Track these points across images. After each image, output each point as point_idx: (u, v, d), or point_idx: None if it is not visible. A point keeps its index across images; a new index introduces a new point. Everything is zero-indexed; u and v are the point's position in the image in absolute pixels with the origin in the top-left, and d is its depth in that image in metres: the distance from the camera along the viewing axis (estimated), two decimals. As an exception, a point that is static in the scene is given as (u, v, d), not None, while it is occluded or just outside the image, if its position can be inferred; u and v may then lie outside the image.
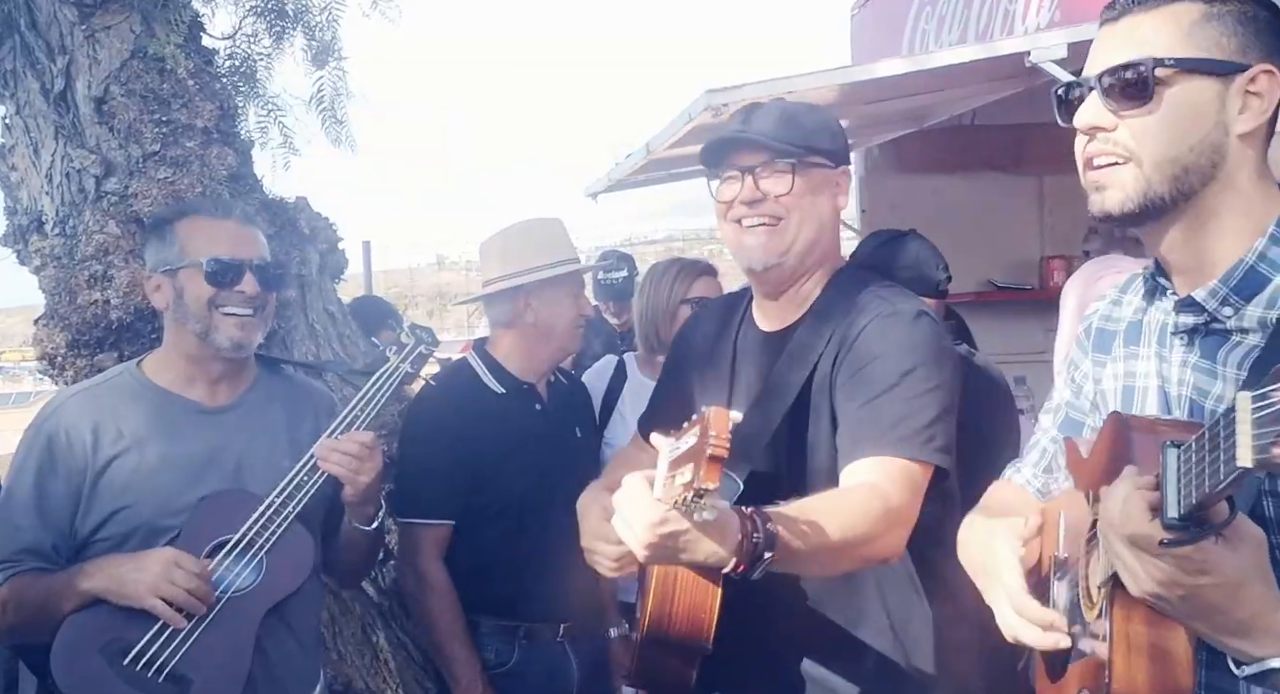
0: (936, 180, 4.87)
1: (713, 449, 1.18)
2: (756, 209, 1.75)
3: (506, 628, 2.43)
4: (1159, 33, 1.17)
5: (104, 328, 2.51)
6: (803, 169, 1.74)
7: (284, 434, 2.02)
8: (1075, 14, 3.43)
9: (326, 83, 3.05)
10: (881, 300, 1.73)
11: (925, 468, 1.62)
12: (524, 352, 2.52)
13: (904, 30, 4.88)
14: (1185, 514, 0.94)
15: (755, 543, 1.37)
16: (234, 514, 1.88)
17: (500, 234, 2.59)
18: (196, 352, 1.98)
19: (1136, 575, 1.02)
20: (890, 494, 1.56)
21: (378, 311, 3.81)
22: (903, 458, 1.60)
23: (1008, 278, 5.14)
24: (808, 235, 1.76)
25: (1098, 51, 1.23)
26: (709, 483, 1.19)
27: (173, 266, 1.97)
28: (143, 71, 2.60)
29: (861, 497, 1.54)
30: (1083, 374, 1.43)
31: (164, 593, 1.77)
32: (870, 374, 1.65)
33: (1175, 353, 1.25)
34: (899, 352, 1.65)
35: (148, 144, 2.57)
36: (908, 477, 1.59)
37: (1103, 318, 1.41)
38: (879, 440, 1.61)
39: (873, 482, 1.57)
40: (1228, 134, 1.17)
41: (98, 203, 2.58)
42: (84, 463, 1.88)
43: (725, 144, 1.78)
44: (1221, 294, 1.17)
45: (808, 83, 2.94)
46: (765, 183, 1.74)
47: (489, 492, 2.40)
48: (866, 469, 1.59)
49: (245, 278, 1.95)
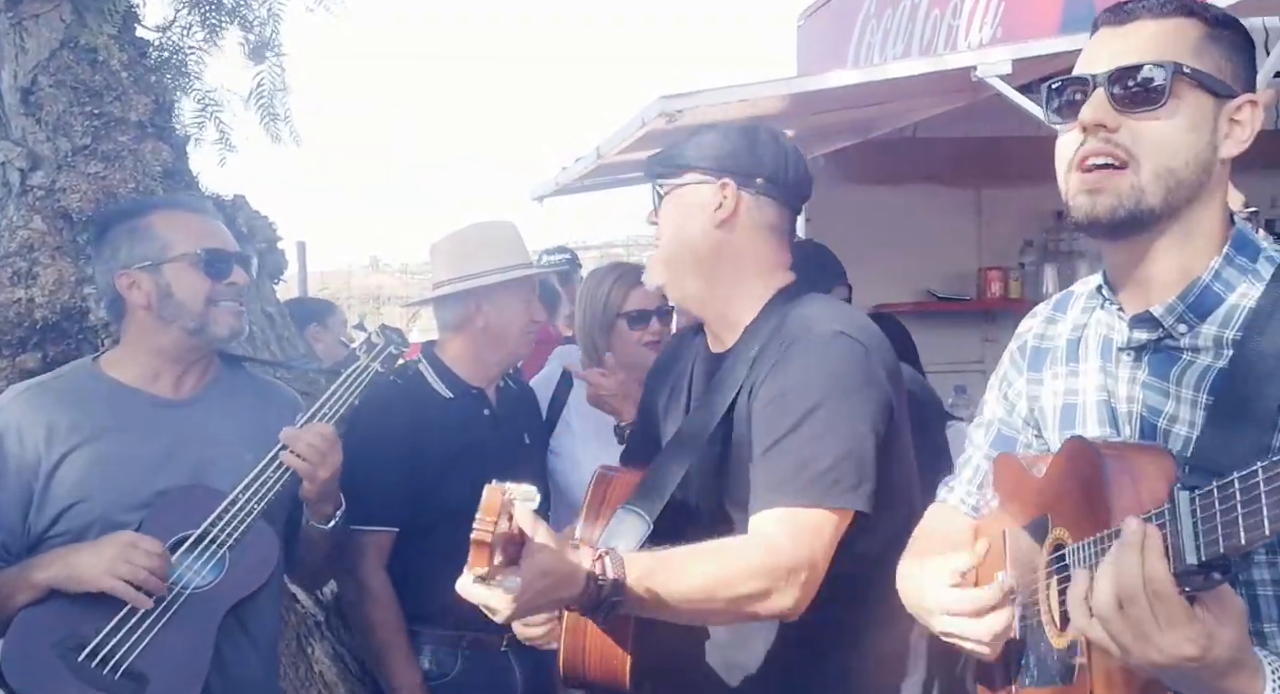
0: (878, 191, 4.93)
1: (475, 533, 1.21)
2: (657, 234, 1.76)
3: (449, 637, 2.39)
4: (1176, 41, 1.17)
5: (27, 327, 2.41)
6: (671, 191, 1.73)
7: (247, 428, 1.98)
8: (1016, 31, 3.52)
9: (265, 78, 2.98)
10: (800, 322, 1.63)
11: (834, 513, 1.51)
12: (474, 356, 2.49)
13: (850, 42, 4.95)
14: (1207, 561, 0.92)
15: (600, 586, 1.37)
16: (195, 509, 1.83)
17: (452, 236, 2.55)
18: (175, 347, 1.94)
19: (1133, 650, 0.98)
20: (782, 547, 1.47)
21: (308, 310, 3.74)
22: (803, 506, 1.50)
23: (946, 288, 5.23)
24: (668, 260, 1.74)
25: (1100, 51, 1.21)
26: (477, 568, 1.23)
27: (155, 261, 1.92)
28: (73, 62, 2.51)
29: (742, 549, 1.48)
30: (1016, 391, 1.43)
31: (122, 573, 1.72)
32: (775, 413, 1.57)
33: (1123, 369, 1.25)
34: (805, 385, 1.56)
35: (77, 137, 2.49)
36: (810, 526, 1.49)
37: (1037, 336, 1.41)
38: (779, 489, 1.52)
39: (765, 533, 1.49)
40: (1215, 155, 1.18)
41: (23, 197, 2.48)
42: (36, 458, 1.82)
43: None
44: (1179, 311, 1.18)
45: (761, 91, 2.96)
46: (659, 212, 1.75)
47: (434, 498, 2.36)
48: (766, 521, 1.51)
49: (235, 269, 1.96)
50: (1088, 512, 1.11)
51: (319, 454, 1.91)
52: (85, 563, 1.73)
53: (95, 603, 1.73)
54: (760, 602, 1.47)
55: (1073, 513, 1.16)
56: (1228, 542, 0.90)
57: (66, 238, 2.44)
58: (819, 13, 5.46)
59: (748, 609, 1.48)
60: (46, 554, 1.79)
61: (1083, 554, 1.11)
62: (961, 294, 5.24)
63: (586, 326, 2.84)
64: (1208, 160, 1.18)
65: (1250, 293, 1.17)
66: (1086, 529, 1.10)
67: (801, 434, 1.53)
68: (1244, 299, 1.17)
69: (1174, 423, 1.18)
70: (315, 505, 1.99)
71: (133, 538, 1.77)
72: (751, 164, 1.69)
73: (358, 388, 2.02)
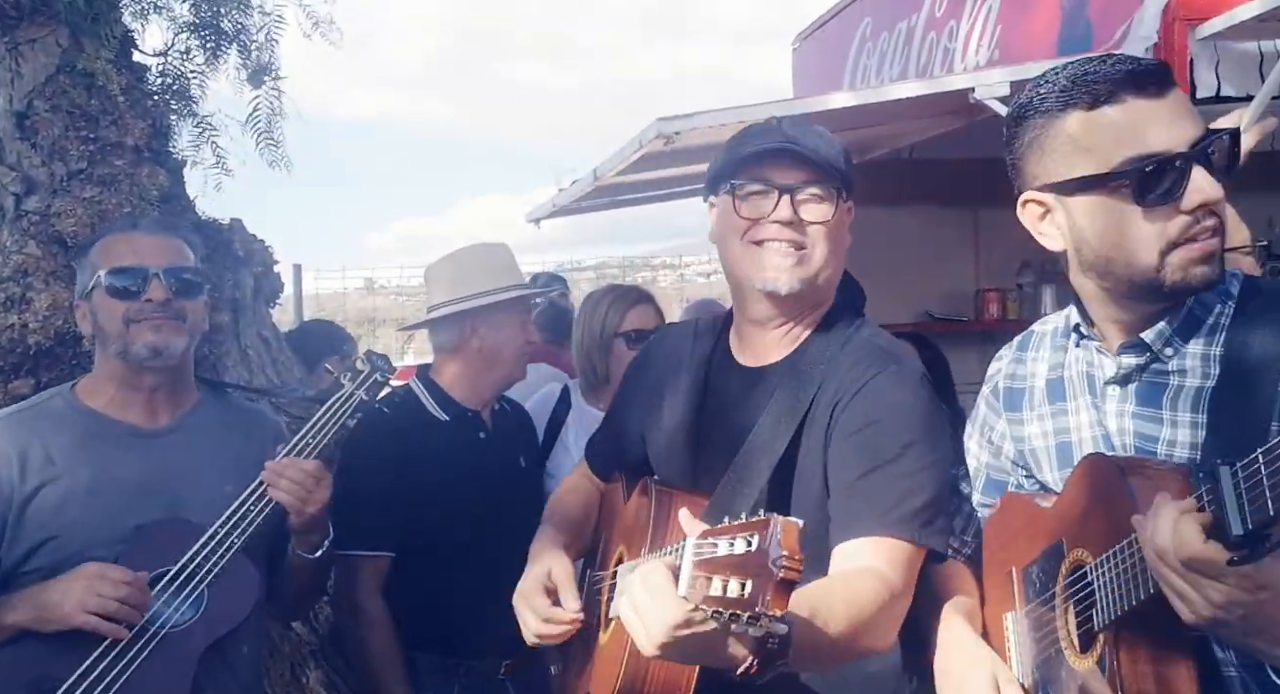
0: (876, 212, 4.92)
1: (784, 573, 1.04)
2: (786, 232, 1.57)
3: (445, 665, 2.36)
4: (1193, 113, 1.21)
5: (20, 353, 2.40)
6: (841, 198, 1.61)
7: (228, 459, 1.94)
8: (1013, 53, 3.53)
9: (262, 102, 2.98)
10: (882, 354, 1.59)
11: (921, 551, 1.49)
12: (469, 378, 2.47)
13: (845, 65, 4.97)
14: (1252, 531, 0.94)
15: (770, 648, 1.22)
16: (173, 544, 1.79)
17: (446, 259, 2.55)
18: (122, 374, 1.90)
19: (1193, 602, 1.02)
20: (893, 581, 1.44)
21: (330, 337, 3.71)
22: (903, 540, 1.47)
23: (944, 309, 5.23)
24: (831, 269, 1.62)
25: (1162, 125, 1.19)
26: (776, 610, 1.05)
27: (87, 289, 1.91)
28: (69, 87, 2.51)
29: (869, 587, 1.41)
30: (1000, 434, 1.47)
31: (92, 607, 1.68)
32: (870, 441, 1.51)
33: (1110, 403, 1.30)
34: (902, 419, 1.52)
35: (73, 162, 2.49)
36: (906, 561, 1.47)
37: (1007, 376, 1.46)
38: (880, 519, 1.47)
39: (876, 568, 1.44)
40: None
41: (17, 222, 2.48)
42: (9, 491, 1.78)
43: (764, 154, 1.59)
44: (1167, 334, 1.25)
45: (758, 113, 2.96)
46: (804, 207, 1.58)
47: (430, 522, 2.34)
48: (864, 550, 1.47)
49: (151, 284, 1.85)
50: (1111, 524, 1.13)
51: (304, 490, 1.87)
52: (54, 601, 1.69)
53: (69, 643, 1.69)
54: (877, 637, 1.43)
55: (1093, 530, 1.17)
56: (1278, 505, 0.91)
57: (61, 263, 2.43)
58: (814, 36, 5.49)
59: (866, 645, 1.43)
60: (15, 595, 1.74)
61: (1108, 566, 1.12)
62: (959, 315, 5.23)
63: (584, 348, 2.83)
64: None
65: (1225, 311, 1.24)
66: (1110, 541, 1.12)
67: (901, 466, 1.50)
68: (1220, 318, 1.24)
69: (1173, 447, 1.23)
70: (303, 536, 1.95)
71: (100, 568, 1.72)
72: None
73: (343, 416, 1.99)
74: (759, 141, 1.61)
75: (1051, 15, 3.41)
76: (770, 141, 1.60)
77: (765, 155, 1.59)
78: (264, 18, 2.96)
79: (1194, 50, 2.79)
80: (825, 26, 5.36)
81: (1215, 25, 2.74)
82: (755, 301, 1.64)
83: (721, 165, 1.66)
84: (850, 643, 1.36)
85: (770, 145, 1.59)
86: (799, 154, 1.57)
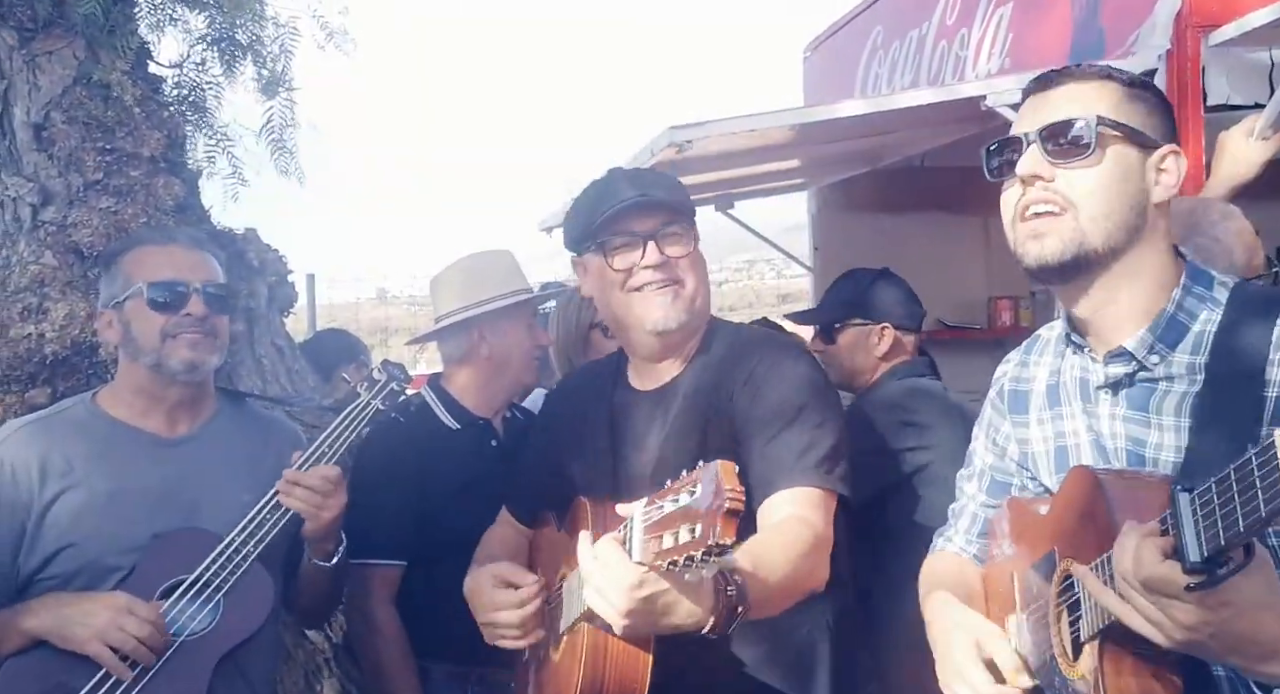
0: (886, 220, 4.93)
1: (731, 503, 1.14)
2: (660, 274, 1.75)
3: (457, 674, 2.35)
4: (1098, 98, 1.30)
5: (37, 363, 2.42)
6: (693, 227, 1.79)
7: (245, 468, 1.95)
8: (1025, 60, 3.52)
9: (276, 113, 3.00)
10: (757, 343, 1.80)
11: (832, 496, 1.67)
12: (479, 386, 2.47)
13: (856, 74, 4.97)
14: (1209, 557, 0.94)
15: (730, 596, 1.35)
16: (190, 553, 1.80)
17: (449, 268, 2.55)
18: (149, 385, 1.91)
19: (1163, 625, 1.02)
20: (816, 523, 1.61)
21: (345, 346, 3.72)
22: (814, 487, 1.65)
23: (956, 317, 5.21)
24: (703, 293, 1.81)
25: (1029, 113, 1.33)
26: (726, 539, 1.14)
27: (119, 299, 1.91)
28: (86, 98, 2.53)
29: (797, 531, 1.57)
30: (1004, 435, 1.49)
31: (111, 640, 1.69)
32: (769, 410, 1.70)
33: (1102, 407, 1.32)
34: (793, 387, 1.72)
35: (89, 172, 2.50)
36: (823, 505, 1.65)
37: (1013, 380, 1.48)
38: (790, 472, 1.65)
39: (799, 514, 1.61)
40: (1148, 200, 1.29)
41: (34, 232, 2.50)
42: (29, 497, 1.80)
43: (621, 211, 1.76)
44: (1149, 342, 1.26)
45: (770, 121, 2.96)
46: (668, 247, 1.75)
47: (442, 531, 2.33)
48: (784, 502, 1.63)
49: (191, 300, 1.89)
50: (1094, 537, 1.14)
51: (320, 497, 1.88)
52: (75, 620, 1.70)
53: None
54: (813, 576, 1.59)
55: (1079, 541, 1.19)
56: (1228, 533, 0.92)
57: (77, 273, 2.45)
58: (825, 45, 5.50)
59: (805, 586, 1.59)
60: (38, 601, 1.75)
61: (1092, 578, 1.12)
62: (971, 323, 5.22)
63: (561, 346, 2.82)
64: (1141, 204, 1.28)
65: (1212, 318, 1.26)
66: (1095, 554, 1.12)
67: (800, 425, 1.69)
68: (1207, 325, 1.26)
69: (1160, 450, 1.25)
70: (317, 544, 1.96)
71: (129, 602, 1.73)
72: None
73: (359, 425, 2.01)
74: (613, 200, 1.78)
75: (1064, 23, 3.41)
76: (624, 198, 1.77)
77: (623, 211, 1.77)
78: (278, 29, 2.99)
79: (1206, 57, 2.79)
80: (836, 35, 5.37)
81: (1227, 32, 2.73)
82: (646, 342, 1.82)
83: (583, 227, 1.83)
84: (793, 585, 1.52)
85: (625, 202, 1.76)
86: (650, 202, 1.76)
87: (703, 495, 1.17)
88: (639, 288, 1.76)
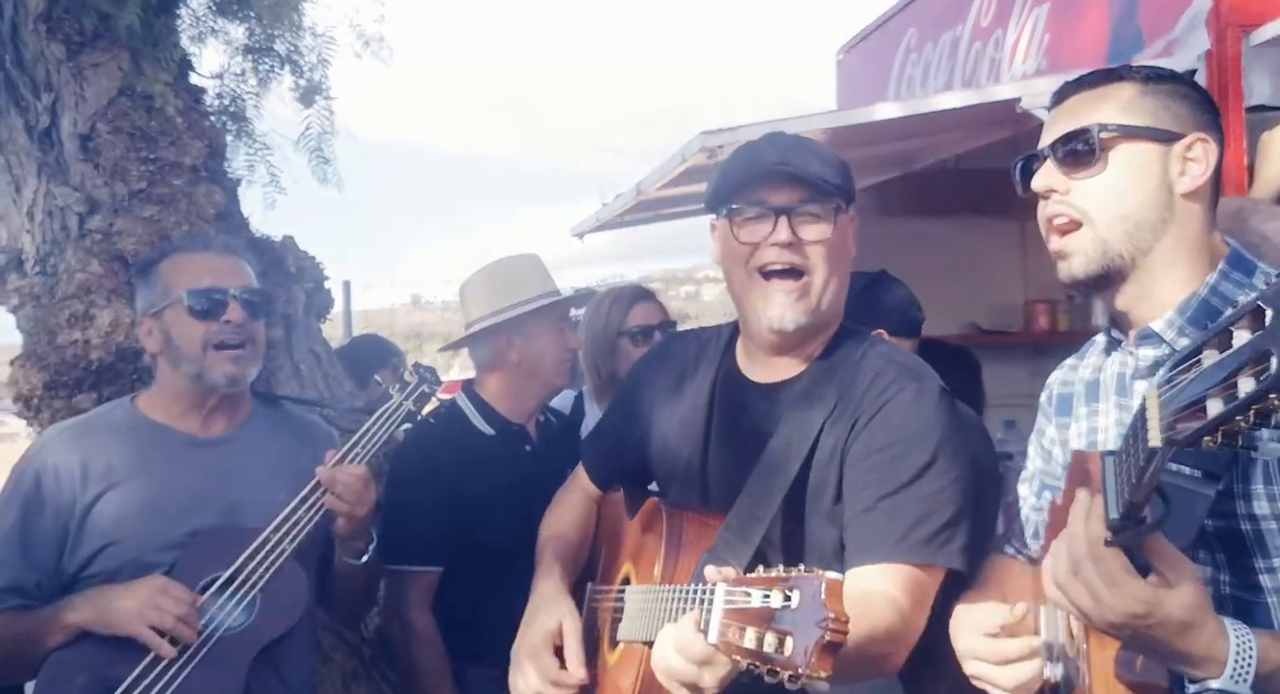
0: (920, 224, 4.90)
1: (831, 635, 1.02)
2: (786, 255, 1.57)
3: (493, 677, 2.36)
4: (1101, 106, 1.32)
5: (83, 368, 2.46)
6: (838, 213, 1.59)
7: (281, 468, 1.98)
8: (1061, 62, 3.49)
9: (314, 121, 3.04)
10: (900, 372, 1.58)
11: (938, 572, 1.51)
12: (511, 391, 2.48)
13: (890, 76, 4.95)
14: (1124, 513, 1.01)
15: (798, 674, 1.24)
16: (227, 550, 1.84)
17: (477, 274, 2.56)
18: (187, 390, 1.96)
19: (1091, 612, 1.08)
20: (906, 609, 1.45)
21: (380, 351, 3.76)
22: (921, 565, 1.49)
23: (991, 321, 5.16)
24: (834, 290, 1.61)
25: (1049, 128, 1.36)
26: (821, 671, 1.03)
27: (158, 308, 1.95)
28: (130, 109, 2.58)
29: (881, 613, 1.42)
30: (1050, 439, 1.49)
31: (151, 620, 1.72)
32: (886, 465, 1.52)
33: (1135, 398, 1.32)
34: (920, 439, 1.52)
35: (134, 182, 2.55)
36: (921, 587, 1.48)
37: (1061, 383, 1.49)
38: (894, 546, 1.49)
39: (888, 593, 1.45)
40: (1172, 193, 1.28)
41: (80, 241, 2.54)
42: (72, 499, 1.85)
43: (757, 176, 1.58)
44: (1178, 324, 1.27)
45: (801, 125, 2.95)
46: (802, 227, 1.56)
47: (477, 536, 2.35)
48: (876, 576, 1.48)
49: (230, 307, 1.92)
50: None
51: (354, 494, 1.91)
52: (116, 607, 1.74)
53: (125, 645, 1.73)
54: (888, 663, 1.46)
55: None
56: (1132, 493, 0.99)
57: (122, 280, 2.49)
58: (858, 48, 5.47)
59: (875, 670, 1.47)
60: (78, 595, 1.79)
61: None
62: (1007, 327, 5.16)
63: (591, 351, 2.82)
64: (1164, 200, 1.28)
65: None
66: None
67: (918, 489, 1.50)
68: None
69: None
70: (348, 542, 1.99)
71: (164, 583, 1.76)
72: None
73: (391, 426, 2.03)
74: (751, 164, 1.60)
75: (1101, 23, 3.37)
76: (762, 163, 1.59)
77: (758, 177, 1.58)
78: (316, 39, 3.03)
79: (1247, 57, 2.75)
80: (869, 38, 5.34)
81: (1268, 32, 2.69)
82: (762, 335, 1.64)
83: (716, 188, 1.65)
84: (859, 666, 1.36)
85: (762, 167, 1.58)
86: (791, 174, 1.56)
87: (800, 612, 1.04)
88: (763, 268, 1.58)
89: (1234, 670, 1.06)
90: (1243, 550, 1.18)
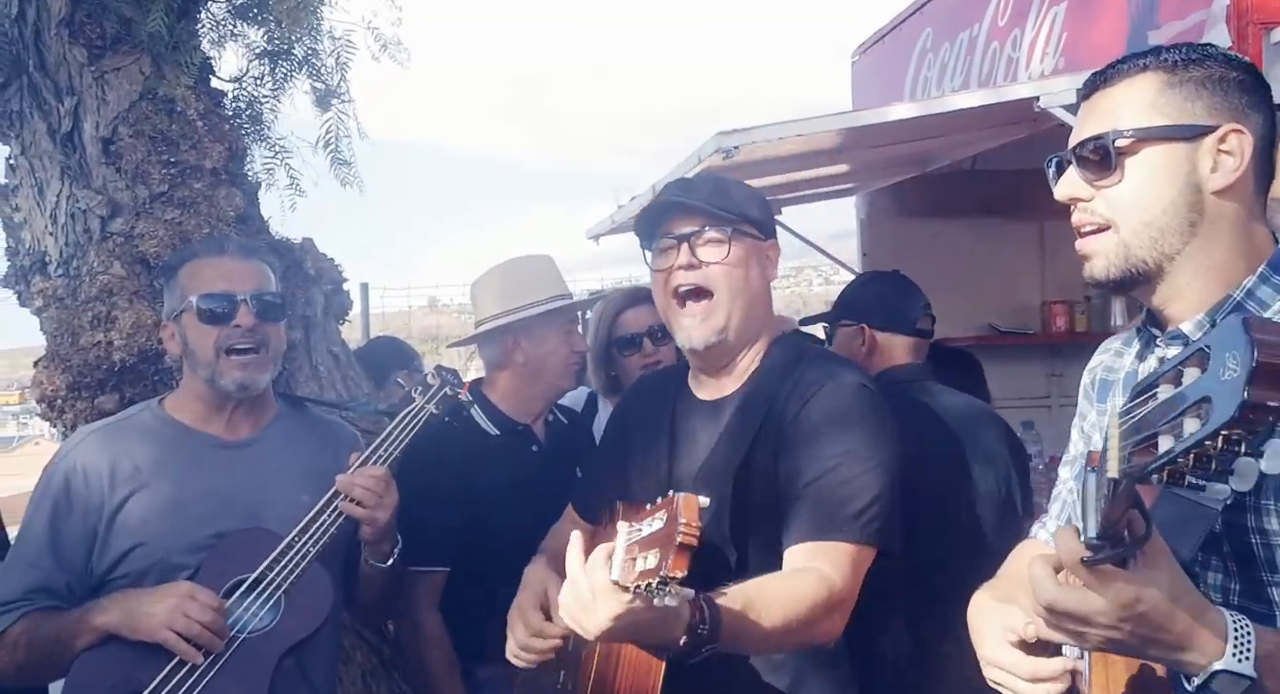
0: (937, 224, 4.88)
1: (683, 537, 1.19)
2: (691, 276, 1.76)
3: (502, 676, 2.36)
4: (1123, 106, 1.25)
5: (106, 370, 2.48)
6: (737, 237, 1.77)
7: (305, 470, 2.00)
8: (1079, 61, 3.47)
9: (333, 124, 3.05)
10: (821, 372, 1.76)
11: (866, 550, 1.65)
12: (516, 392, 2.48)
13: (905, 76, 4.93)
14: (1101, 533, 0.99)
15: (701, 633, 1.39)
16: (252, 552, 1.85)
17: (488, 273, 2.56)
18: (207, 393, 1.98)
19: (1085, 635, 1.06)
20: (834, 580, 1.59)
21: (397, 353, 3.78)
22: (846, 542, 1.63)
23: (1009, 322, 5.14)
24: (742, 309, 1.78)
25: (1077, 126, 1.31)
26: (677, 572, 1.20)
27: (176, 312, 1.98)
28: (151, 113, 2.60)
29: (808, 584, 1.57)
30: (1090, 424, 1.47)
31: (178, 627, 1.74)
32: (811, 454, 1.69)
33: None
34: (838, 429, 1.69)
35: (155, 185, 2.57)
36: (850, 561, 1.63)
37: (1105, 369, 1.46)
38: (823, 524, 1.64)
39: (818, 568, 1.60)
40: (1202, 192, 1.21)
41: (103, 243, 2.56)
42: (100, 501, 1.86)
43: (661, 211, 1.80)
44: (1206, 327, 1.22)
45: (817, 126, 2.95)
46: (702, 250, 1.76)
47: (484, 536, 2.35)
48: (810, 553, 1.63)
49: (239, 311, 1.93)
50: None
51: (375, 497, 1.92)
52: (143, 612, 1.75)
53: (152, 648, 1.75)
54: (815, 631, 1.59)
55: None
56: (1099, 511, 0.98)
57: (144, 282, 2.51)
58: (874, 48, 5.46)
59: (804, 638, 1.60)
60: (106, 598, 1.81)
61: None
62: (1025, 328, 5.14)
63: (590, 357, 2.83)
64: (1193, 200, 1.22)
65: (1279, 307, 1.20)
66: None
67: (840, 474, 1.66)
68: (1277, 315, 1.18)
69: None
70: (373, 545, 2.00)
71: (191, 589, 1.78)
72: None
73: (413, 428, 2.04)
74: (659, 204, 1.82)
75: (1120, 21, 3.35)
76: (666, 201, 1.80)
77: (664, 213, 1.81)
78: (333, 42, 3.04)
79: (1268, 54, 2.73)
80: (884, 40, 5.33)
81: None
82: (686, 355, 1.87)
83: (637, 229, 1.87)
84: (786, 634, 1.52)
85: (666, 205, 1.80)
86: (686, 206, 1.77)
87: (665, 525, 1.22)
88: (675, 290, 1.79)
89: (1234, 648, 1.02)
90: (1252, 563, 1.15)
